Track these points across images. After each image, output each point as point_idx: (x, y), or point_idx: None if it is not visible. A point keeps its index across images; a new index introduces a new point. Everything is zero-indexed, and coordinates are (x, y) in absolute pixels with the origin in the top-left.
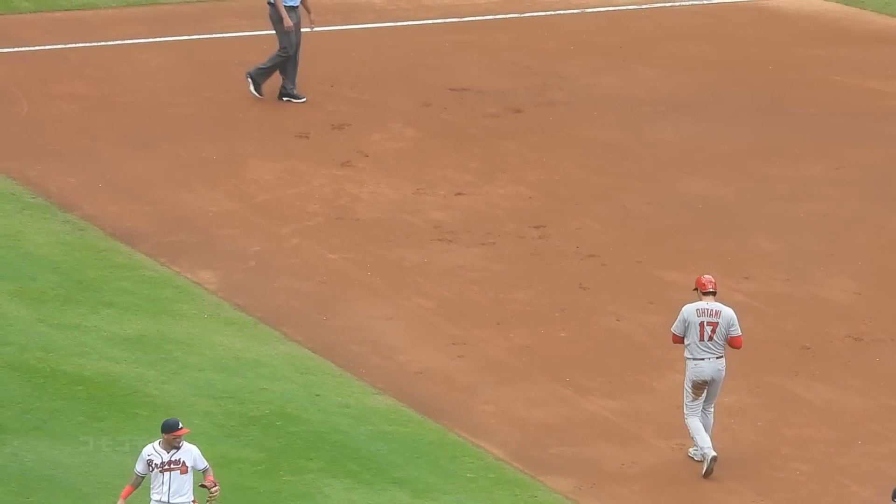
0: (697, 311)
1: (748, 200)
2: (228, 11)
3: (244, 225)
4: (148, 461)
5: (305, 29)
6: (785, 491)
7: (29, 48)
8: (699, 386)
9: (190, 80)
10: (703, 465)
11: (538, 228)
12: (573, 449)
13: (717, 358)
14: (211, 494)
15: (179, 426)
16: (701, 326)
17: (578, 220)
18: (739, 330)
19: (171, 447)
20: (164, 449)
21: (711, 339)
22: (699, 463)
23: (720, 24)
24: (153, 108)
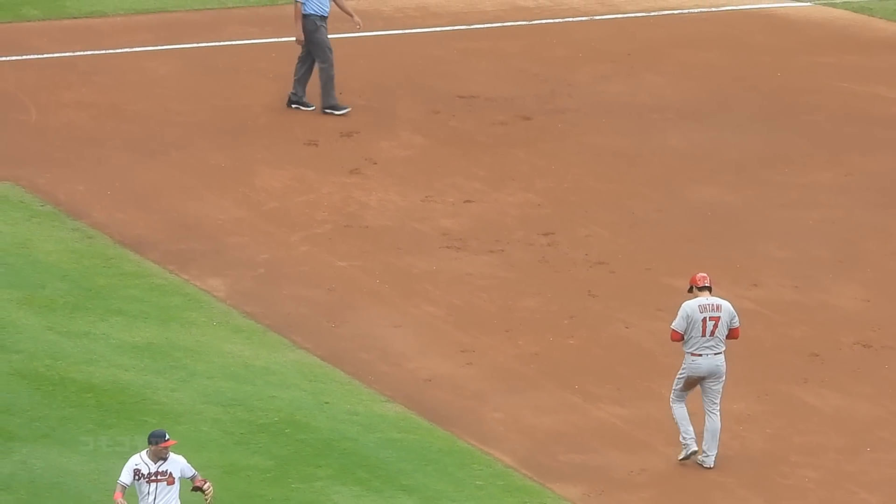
0: (700, 307)
1: (757, 208)
2: (237, 19)
3: (253, 233)
4: (135, 471)
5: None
6: (794, 498)
7: (37, 56)
8: (692, 382)
9: (198, 87)
10: (682, 451)
11: (547, 236)
12: (582, 456)
13: (715, 354)
14: (206, 494)
15: (166, 437)
16: (703, 322)
17: (587, 227)
18: (738, 321)
19: (158, 458)
20: (150, 459)
21: (713, 334)
22: (707, 470)
23: (729, 31)
24: (162, 115)
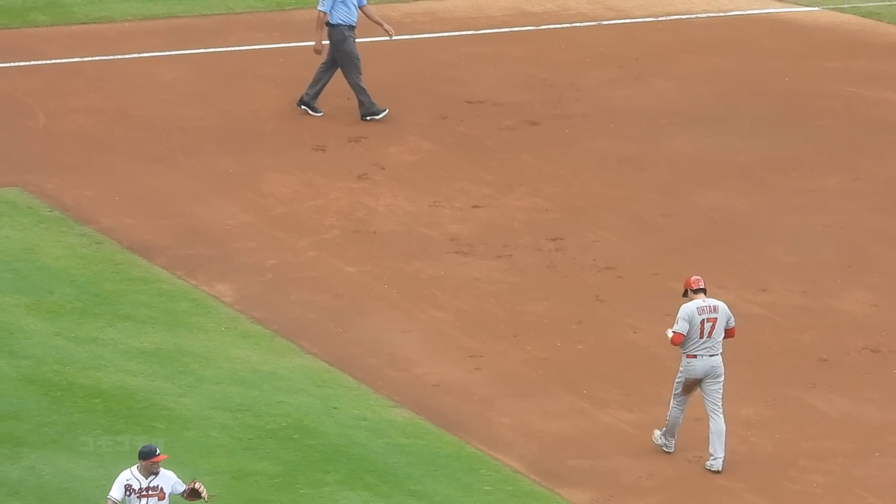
0: (698, 309)
1: (765, 212)
2: (245, 24)
3: (261, 238)
4: (126, 486)
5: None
6: (802, 503)
7: (45, 61)
8: (690, 385)
9: (206, 93)
10: (657, 442)
11: (555, 241)
12: (590, 461)
13: (710, 356)
14: (202, 495)
15: (157, 452)
16: (702, 324)
17: (595, 232)
18: (734, 322)
19: (149, 473)
20: (142, 475)
21: (710, 335)
22: (716, 474)
23: (736, 36)
24: (169, 121)
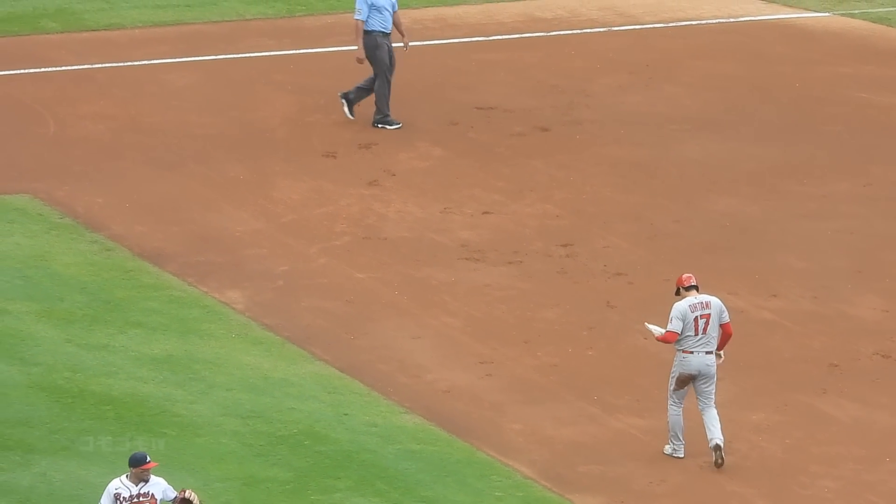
0: (691, 306)
1: (775, 218)
2: (255, 31)
3: (271, 245)
4: (115, 495)
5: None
6: None
7: (56, 68)
8: (684, 379)
9: (217, 99)
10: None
11: (565, 247)
12: (601, 467)
13: (706, 353)
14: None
15: (147, 459)
16: (696, 321)
17: (606, 238)
18: (728, 316)
19: (139, 480)
20: (132, 483)
21: (705, 331)
22: (727, 479)
23: (747, 41)
24: (180, 127)
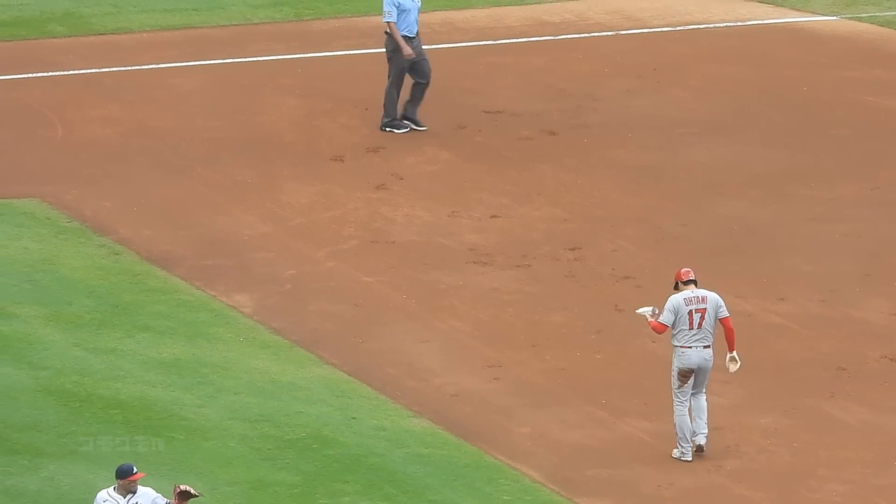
0: (685, 300)
1: (783, 222)
2: (262, 35)
3: (279, 248)
4: None
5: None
6: None
7: (63, 72)
8: (685, 373)
9: (224, 103)
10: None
11: (573, 250)
12: (609, 471)
13: (704, 347)
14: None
15: (134, 470)
16: (690, 315)
17: (614, 242)
18: (727, 311)
19: (126, 492)
20: (119, 494)
21: (701, 326)
22: (735, 483)
23: (754, 45)
24: (187, 131)
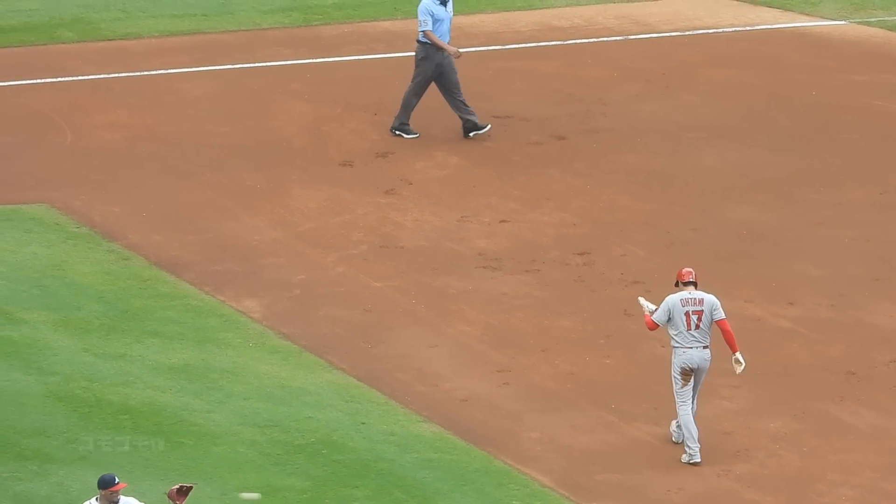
0: (682, 300)
1: (792, 226)
2: (271, 40)
3: (288, 253)
4: None
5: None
6: None
7: (72, 78)
8: (687, 373)
9: (233, 109)
10: (685, 456)
11: (582, 255)
12: (619, 475)
13: (703, 348)
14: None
15: (116, 481)
16: (687, 316)
17: (623, 246)
18: (723, 313)
19: (109, 503)
20: None
21: (698, 327)
22: (744, 487)
23: (763, 50)
24: (196, 137)
